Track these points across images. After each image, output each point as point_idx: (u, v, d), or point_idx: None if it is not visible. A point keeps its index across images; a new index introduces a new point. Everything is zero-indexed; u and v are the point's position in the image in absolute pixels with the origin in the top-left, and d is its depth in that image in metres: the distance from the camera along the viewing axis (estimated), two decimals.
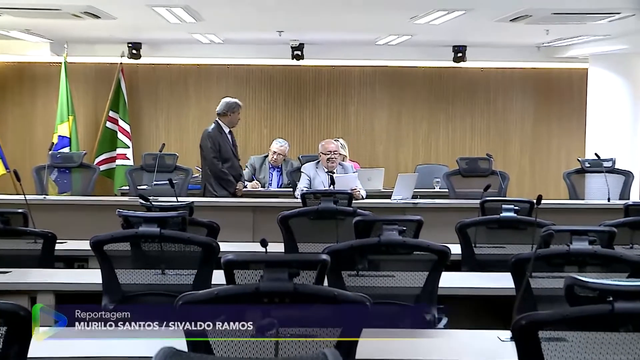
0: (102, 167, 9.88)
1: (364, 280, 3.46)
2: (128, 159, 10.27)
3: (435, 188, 8.35)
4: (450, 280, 3.88)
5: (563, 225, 3.53)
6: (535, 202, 4.43)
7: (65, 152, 9.45)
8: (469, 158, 7.79)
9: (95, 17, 7.48)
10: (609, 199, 7.07)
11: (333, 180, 6.82)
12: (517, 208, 4.49)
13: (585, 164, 7.60)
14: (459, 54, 10.27)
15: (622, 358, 2.04)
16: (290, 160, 8.57)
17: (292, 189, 7.65)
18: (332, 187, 6.68)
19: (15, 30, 8.84)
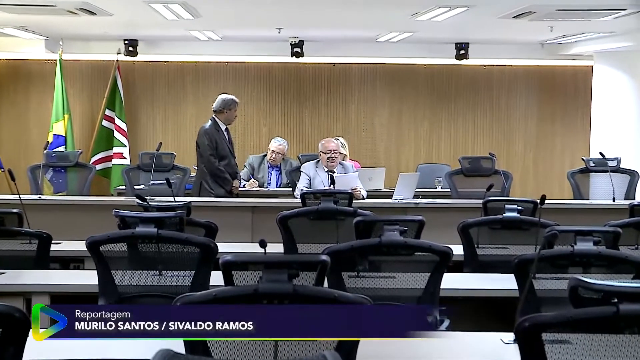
0: (98, 166, 9.87)
1: (365, 282, 3.47)
2: (125, 158, 10.25)
3: (437, 188, 8.35)
4: (453, 282, 3.88)
5: (567, 226, 3.54)
6: (539, 202, 4.46)
7: (61, 151, 9.43)
8: (472, 157, 7.76)
9: (91, 13, 7.47)
10: (614, 199, 7.05)
11: (333, 180, 6.79)
12: (520, 208, 4.48)
13: (590, 164, 7.58)
14: (462, 51, 10.24)
15: None
16: (290, 160, 8.54)
17: (291, 189, 7.62)
18: (332, 186, 6.66)
19: (10, 27, 8.83)
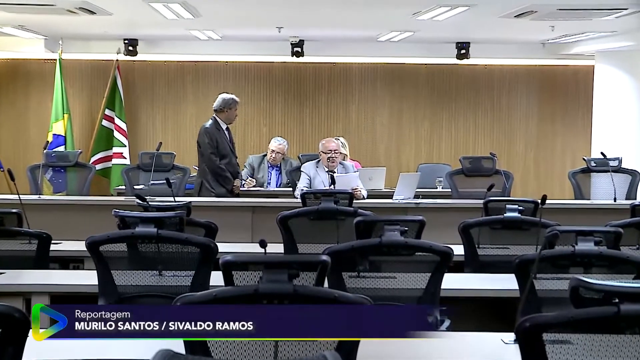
0: (98, 166, 9.87)
1: (365, 282, 3.47)
2: (124, 158, 10.23)
3: (438, 188, 8.35)
4: (453, 282, 3.87)
5: (568, 226, 3.52)
6: (540, 202, 4.45)
7: (61, 150, 9.43)
8: (472, 157, 7.74)
9: (91, 12, 7.46)
10: (615, 199, 7.04)
11: (333, 180, 6.78)
12: (521, 208, 4.48)
13: (591, 163, 7.57)
14: (462, 51, 10.23)
15: None
16: (290, 159, 8.53)
17: (291, 189, 7.61)
18: (332, 186, 6.64)
19: (9, 27, 8.82)
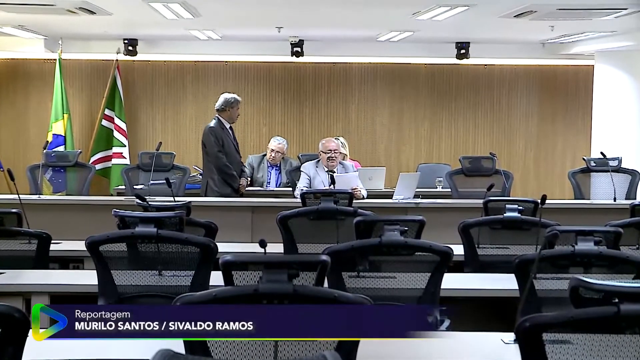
0: (97, 166, 9.86)
1: (365, 282, 3.47)
2: (124, 158, 10.22)
3: (438, 188, 8.33)
4: (453, 282, 3.88)
5: (568, 226, 3.52)
6: (540, 202, 4.46)
7: (60, 150, 9.42)
8: (472, 157, 7.75)
9: (91, 12, 7.46)
10: (615, 199, 7.04)
11: (333, 180, 6.78)
12: (521, 208, 4.48)
13: (591, 163, 7.57)
14: (462, 51, 10.22)
15: None
16: (289, 159, 8.53)
17: (291, 189, 7.60)
18: (332, 186, 6.64)
19: (9, 27, 8.80)
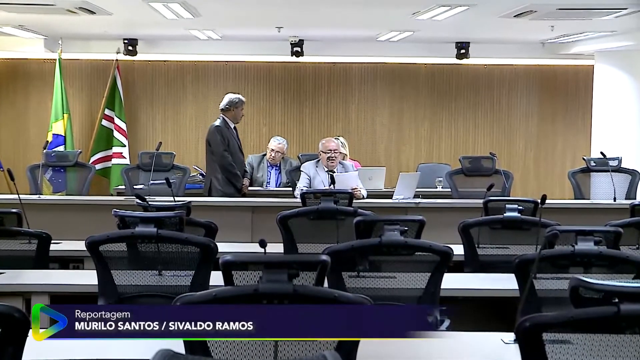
0: (97, 166, 9.86)
1: (365, 282, 3.46)
2: (124, 158, 10.22)
3: (438, 187, 8.32)
4: (453, 282, 3.88)
5: (568, 226, 3.52)
6: (540, 201, 4.46)
7: (60, 150, 9.41)
8: (472, 157, 7.75)
9: (91, 12, 7.46)
10: (615, 199, 7.04)
11: (333, 180, 6.78)
12: (521, 208, 4.47)
13: (591, 163, 7.56)
14: (462, 51, 10.22)
15: None
16: (289, 159, 8.53)
17: (291, 189, 7.60)
18: (332, 186, 6.65)
19: (9, 26, 8.80)
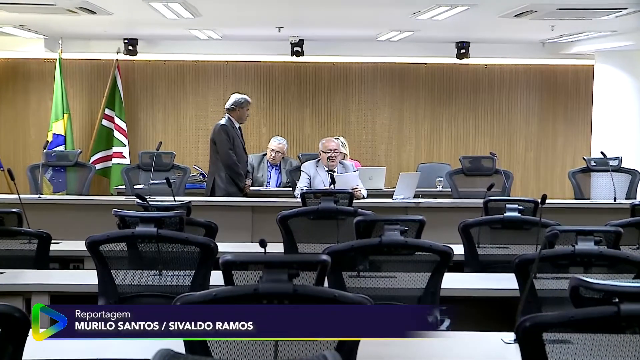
0: (97, 165, 9.86)
1: (365, 282, 3.47)
2: (124, 158, 10.22)
3: (438, 187, 8.33)
4: (453, 281, 3.88)
5: (568, 226, 3.53)
6: (540, 201, 4.45)
7: (60, 150, 9.41)
8: (472, 157, 7.75)
9: (91, 12, 7.46)
10: (615, 199, 7.03)
11: (333, 179, 6.78)
12: (521, 208, 4.47)
13: (591, 163, 7.56)
14: (462, 51, 10.21)
15: None
16: (290, 159, 8.53)
17: (291, 188, 7.60)
18: (332, 186, 6.65)
19: (9, 26, 8.79)
